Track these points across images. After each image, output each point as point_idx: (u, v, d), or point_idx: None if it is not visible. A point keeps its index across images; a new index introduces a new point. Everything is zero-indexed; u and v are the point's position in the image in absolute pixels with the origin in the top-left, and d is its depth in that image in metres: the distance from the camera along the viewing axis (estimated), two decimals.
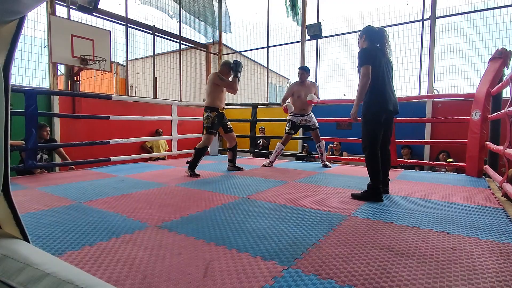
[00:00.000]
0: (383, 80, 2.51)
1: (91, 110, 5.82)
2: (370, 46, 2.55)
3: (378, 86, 2.49)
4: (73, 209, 2.11)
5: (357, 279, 1.19)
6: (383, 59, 2.54)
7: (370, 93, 2.50)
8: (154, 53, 7.54)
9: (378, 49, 2.54)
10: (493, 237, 1.66)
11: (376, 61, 2.50)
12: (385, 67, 2.53)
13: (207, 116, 3.61)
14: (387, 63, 2.59)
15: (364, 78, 2.46)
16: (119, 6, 6.89)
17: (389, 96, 2.51)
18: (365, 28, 2.61)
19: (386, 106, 2.48)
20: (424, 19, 5.93)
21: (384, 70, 2.52)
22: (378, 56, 2.52)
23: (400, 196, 2.60)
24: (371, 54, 2.50)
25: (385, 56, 2.56)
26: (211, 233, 1.66)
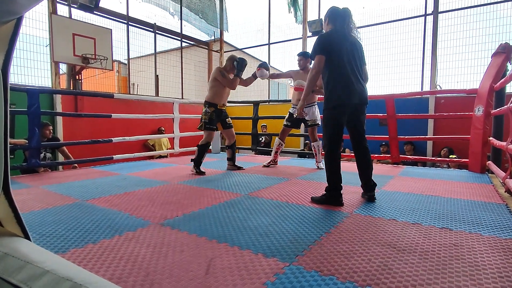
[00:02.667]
0: (343, 69, 2.18)
1: (93, 109, 5.84)
2: (333, 30, 2.26)
3: (338, 77, 2.19)
4: (76, 207, 2.12)
5: (358, 276, 1.19)
6: (346, 45, 2.21)
7: (328, 85, 2.22)
8: (156, 51, 7.54)
9: (340, 33, 2.23)
10: (495, 233, 1.65)
11: (335, 47, 2.19)
12: (347, 54, 2.20)
13: (205, 111, 3.58)
14: (352, 48, 2.24)
15: (313, 71, 2.23)
16: (120, 4, 6.89)
17: (353, 87, 2.18)
18: (328, 10, 2.32)
19: (348, 99, 2.17)
20: (427, 14, 5.88)
21: (345, 57, 2.19)
22: (338, 42, 2.20)
23: (402, 193, 2.59)
24: (326, 41, 2.21)
25: (348, 41, 2.23)
26: (213, 230, 1.67)
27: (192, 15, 8.31)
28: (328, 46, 2.20)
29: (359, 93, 2.20)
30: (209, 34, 8.86)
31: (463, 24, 5.71)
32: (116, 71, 8.70)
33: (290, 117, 3.95)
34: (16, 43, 0.53)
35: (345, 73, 2.18)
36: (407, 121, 5.29)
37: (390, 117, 4.17)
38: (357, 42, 2.30)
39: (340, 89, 2.17)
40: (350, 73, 2.19)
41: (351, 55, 2.21)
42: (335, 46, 2.19)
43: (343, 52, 2.19)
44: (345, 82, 2.17)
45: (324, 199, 2.22)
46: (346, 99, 2.17)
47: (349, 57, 2.20)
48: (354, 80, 2.19)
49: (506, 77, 2.86)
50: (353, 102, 2.19)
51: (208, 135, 3.63)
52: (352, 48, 2.24)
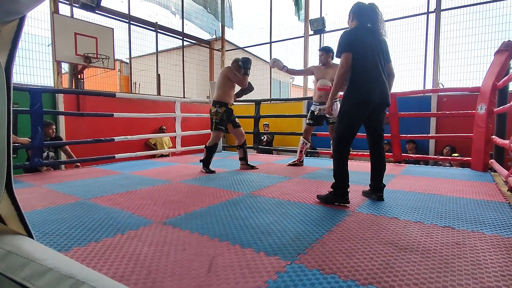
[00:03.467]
0: (367, 66, 2.14)
1: (95, 108, 5.86)
2: (358, 26, 2.20)
3: (361, 74, 2.14)
4: (79, 206, 2.13)
5: (360, 274, 1.19)
6: (371, 42, 2.16)
7: (350, 82, 2.17)
8: (157, 50, 7.55)
9: (365, 30, 2.18)
10: (498, 231, 1.65)
11: (360, 44, 2.13)
12: (372, 51, 2.15)
13: (216, 111, 3.53)
14: (377, 45, 2.18)
15: (341, 69, 2.14)
16: (122, 3, 6.90)
17: (374, 86, 2.13)
18: (353, 5, 2.25)
19: (369, 98, 2.12)
20: (429, 12, 5.85)
21: (370, 55, 2.14)
22: (362, 38, 2.15)
23: (404, 191, 2.59)
24: (352, 38, 2.15)
25: (374, 38, 2.18)
26: (215, 229, 1.68)
27: (193, 13, 8.30)
28: (354, 43, 2.13)
29: (381, 92, 2.15)
30: (211, 33, 8.86)
31: (465, 22, 5.68)
32: (118, 70, 8.72)
33: (312, 115, 3.80)
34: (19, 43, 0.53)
35: (369, 71, 2.13)
36: (409, 119, 5.27)
37: (392, 115, 4.15)
38: (382, 39, 2.23)
39: (363, 87, 2.12)
40: (374, 71, 2.14)
41: (376, 53, 2.15)
42: (360, 43, 2.13)
43: (367, 49, 2.13)
44: (368, 79, 2.12)
45: (330, 197, 2.18)
46: (368, 97, 2.12)
47: (374, 55, 2.15)
48: (378, 78, 2.14)
49: (509, 75, 2.85)
50: (375, 101, 2.13)
51: (217, 135, 3.61)
52: (377, 45, 2.17)
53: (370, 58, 2.13)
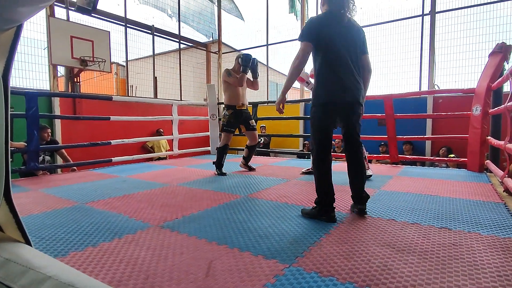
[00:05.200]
0: (335, 60, 1.87)
1: (92, 111, 5.84)
2: (326, 12, 1.94)
3: (328, 69, 1.88)
4: (76, 210, 2.12)
5: (358, 276, 1.20)
6: (340, 31, 1.88)
7: (318, 78, 1.92)
8: (154, 53, 7.54)
9: (334, 17, 1.90)
10: (494, 232, 1.66)
11: (325, 33, 1.86)
12: (341, 42, 1.87)
13: (224, 114, 3.60)
14: (348, 35, 1.90)
15: (296, 60, 1.90)
16: (118, 6, 6.90)
17: (345, 82, 1.86)
18: None
19: (336, 97, 1.87)
20: (424, 14, 5.90)
21: (339, 45, 1.86)
22: (329, 27, 1.87)
23: (401, 192, 2.60)
24: (314, 26, 1.88)
25: (345, 26, 1.90)
26: (213, 232, 1.67)
27: (190, 16, 8.32)
28: (317, 32, 1.87)
29: (352, 90, 1.88)
30: (207, 35, 8.87)
31: (460, 24, 5.73)
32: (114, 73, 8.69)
33: None
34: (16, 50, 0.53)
35: (336, 65, 1.87)
36: (405, 121, 5.30)
37: (389, 117, 4.18)
38: (355, 27, 1.95)
39: (330, 84, 1.87)
40: (342, 66, 1.87)
41: (346, 43, 1.88)
42: (325, 32, 1.86)
43: (335, 39, 1.87)
44: (334, 76, 1.86)
45: (314, 213, 1.90)
46: (334, 97, 1.87)
47: (344, 46, 1.87)
48: (348, 73, 1.87)
49: (503, 77, 2.88)
50: (345, 100, 1.88)
51: (226, 137, 3.62)
52: (348, 34, 1.90)
53: (337, 50, 1.87)
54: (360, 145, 2.00)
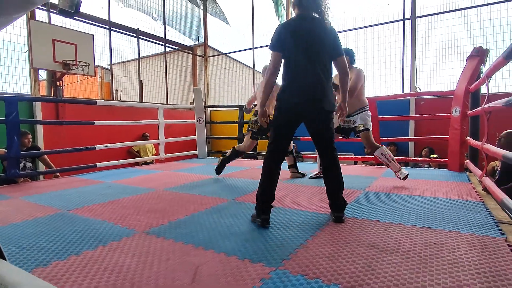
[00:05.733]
0: (297, 66, 1.84)
1: (76, 116, 5.71)
2: (294, 17, 1.90)
3: (291, 75, 1.86)
4: (58, 218, 2.07)
5: (342, 277, 1.22)
6: (309, 34, 1.83)
7: (282, 84, 1.91)
8: (139, 56, 7.46)
9: (303, 20, 1.86)
10: (473, 230, 1.72)
11: (291, 41, 1.82)
12: (307, 45, 1.82)
13: (255, 121, 3.37)
14: (317, 37, 1.83)
15: (268, 72, 1.89)
16: (102, 9, 6.79)
17: (308, 88, 1.82)
18: None
19: (297, 103, 1.83)
20: (405, 19, 6.06)
21: (304, 51, 1.82)
22: (296, 32, 1.83)
23: (385, 193, 2.65)
24: (282, 33, 1.84)
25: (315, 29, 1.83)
26: (200, 237, 1.67)
27: (176, 20, 8.27)
28: (284, 39, 1.84)
29: (317, 96, 1.83)
30: (193, 38, 8.83)
31: (440, 28, 5.92)
32: (99, 77, 8.54)
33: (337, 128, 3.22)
34: None
35: (301, 70, 1.83)
36: (389, 122, 5.41)
37: (373, 118, 4.25)
38: (327, 30, 1.86)
39: (291, 90, 1.85)
40: (307, 70, 1.82)
41: (315, 48, 1.83)
42: (292, 38, 1.82)
43: (301, 45, 1.82)
44: (298, 81, 1.83)
45: (254, 214, 1.92)
46: (296, 103, 1.83)
47: (311, 51, 1.82)
48: (312, 78, 1.82)
49: (480, 79, 2.98)
50: (307, 106, 1.84)
51: (251, 144, 3.45)
52: (316, 38, 1.83)
53: (303, 55, 1.82)
54: (333, 151, 1.93)
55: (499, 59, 2.06)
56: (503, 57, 1.96)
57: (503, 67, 2.17)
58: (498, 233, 1.66)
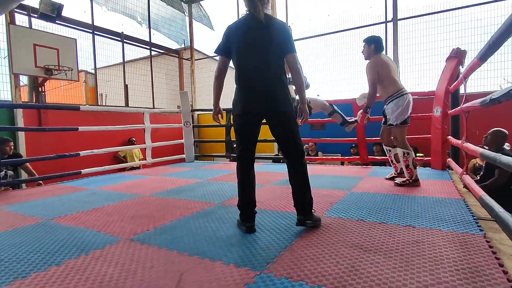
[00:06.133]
0: (242, 70, 1.80)
1: (59, 122, 5.59)
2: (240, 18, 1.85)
3: (238, 81, 1.83)
4: (40, 228, 2.02)
5: (326, 279, 1.23)
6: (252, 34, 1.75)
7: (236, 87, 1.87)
8: (124, 60, 7.37)
9: (248, 20, 1.77)
10: (453, 227, 1.76)
11: (236, 43, 1.77)
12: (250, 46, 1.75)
13: None
14: (260, 36, 1.74)
15: (214, 77, 1.90)
16: (85, 13, 6.69)
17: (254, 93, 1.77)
18: None
19: (248, 109, 1.79)
20: (387, 21, 6.19)
21: (248, 52, 1.76)
22: (239, 33, 1.77)
23: (370, 193, 2.69)
24: (225, 36, 1.82)
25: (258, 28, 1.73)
26: (185, 243, 1.65)
27: (161, 23, 8.21)
28: (228, 42, 1.82)
29: (265, 99, 1.76)
30: (179, 42, 8.79)
31: (421, 30, 6.07)
32: (83, 82, 8.38)
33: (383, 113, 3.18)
34: None
35: (246, 74, 1.79)
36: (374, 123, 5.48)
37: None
38: (273, 26, 1.74)
39: (241, 95, 1.82)
40: (252, 73, 1.77)
41: (259, 47, 1.75)
42: (235, 41, 1.79)
43: (244, 46, 1.76)
44: (246, 87, 1.80)
45: (238, 220, 1.91)
46: (247, 108, 1.79)
47: (255, 51, 1.75)
48: (260, 81, 1.76)
49: (459, 80, 3.07)
50: (258, 111, 1.79)
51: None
52: (261, 37, 1.74)
53: (248, 57, 1.77)
54: (297, 153, 1.83)
55: (474, 60, 2.12)
56: (478, 58, 2.02)
57: (478, 68, 2.24)
58: (477, 229, 1.71)
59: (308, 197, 1.83)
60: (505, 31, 1.39)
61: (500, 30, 1.41)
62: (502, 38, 1.47)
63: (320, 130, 6.80)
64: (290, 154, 1.85)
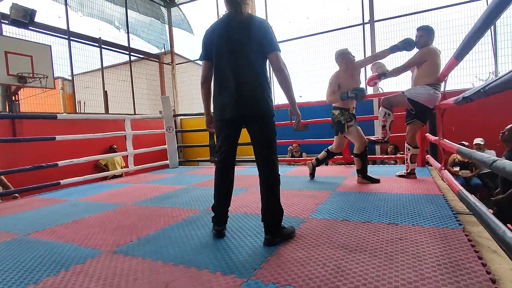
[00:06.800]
0: (218, 74, 1.76)
1: (35, 132, 5.38)
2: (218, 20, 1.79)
3: (215, 83, 1.80)
4: (16, 244, 1.93)
5: (313, 282, 1.23)
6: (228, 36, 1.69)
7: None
8: (102, 65, 7.20)
9: (226, 20, 1.72)
10: (434, 223, 1.81)
11: (214, 46, 1.73)
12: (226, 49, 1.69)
13: (340, 112, 3.25)
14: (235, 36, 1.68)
15: (200, 84, 1.88)
16: (59, 19, 6.50)
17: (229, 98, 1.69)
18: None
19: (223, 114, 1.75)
20: (365, 23, 6.34)
21: (223, 55, 1.70)
22: (216, 36, 1.73)
23: (354, 192, 2.73)
24: (203, 39, 1.80)
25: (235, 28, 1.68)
26: (170, 252, 1.62)
27: (140, 28, 8.09)
28: (207, 46, 1.78)
29: (239, 102, 1.68)
30: (159, 46, 8.68)
31: (398, 31, 6.25)
32: (60, 89, 8.13)
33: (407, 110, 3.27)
34: None
35: (221, 77, 1.74)
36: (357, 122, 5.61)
37: None
38: (253, 26, 1.67)
39: (216, 101, 1.78)
40: (226, 77, 1.71)
41: (234, 49, 1.68)
42: (213, 43, 1.74)
43: (222, 47, 1.71)
44: (222, 90, 1.74)
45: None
46: (222, 113, 1.75)
47: (232, 51, 1.69)
48: (236, 84, 1.68)
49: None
50: (234, 115, 1.70)
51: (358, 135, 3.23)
52: (240, 38, 1.67)
53: (226, 58, 1.70)
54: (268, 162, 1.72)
55: (451, 59, 2.20)
56: (454, 57, 2.09)
57: (456, 66, 2.32)
58: (457, 223, 1.77)
59: (277, 213, 1.70)
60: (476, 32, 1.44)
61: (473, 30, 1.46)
62: (475, 38, 1.53)
63: (302, 132, 6.86)
64: (262, 162, 1.73)
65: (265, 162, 1.72)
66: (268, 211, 1.69)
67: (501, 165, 1.13)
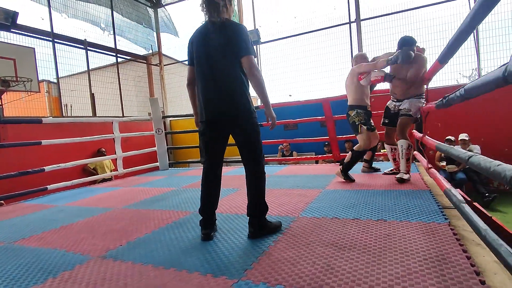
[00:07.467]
0: (200, 77, 1.80)
1: (20, 137, 5.25)
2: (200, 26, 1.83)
3: (197, 88, 1.85)
4: (1, 252, 1.89)
5: (303, 280, 1.24)
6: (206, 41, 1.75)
7: None
8: (89, 68, 7.08)
9: (205, 26, 1.78)
10: (421, 218, 1.85)
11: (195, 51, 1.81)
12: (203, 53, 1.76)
13: (357, 112, 3.22)
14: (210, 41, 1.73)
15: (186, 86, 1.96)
16: (43, 20, 6.36)
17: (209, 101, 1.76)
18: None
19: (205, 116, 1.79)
20: (351, 22, 6.41)
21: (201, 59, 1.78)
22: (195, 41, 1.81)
23: (343, 190, 2.76)
24: (189, 45, 1.88)
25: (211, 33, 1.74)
26: (160, 256, 1.61)
27: (126, 29, 7.98)
28: (190, 50, 1.86)
29: (217, 105, 1.75)
30: (147, 48, 8.59)
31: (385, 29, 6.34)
32: (46, 92, 7.96)
33: (387, 112, 3.27)
34: None
35: (200, 82, 1.79)
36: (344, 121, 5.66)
37: (328, 118, 4.43)
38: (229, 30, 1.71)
39: (200, 104, 1.82)
40: (203, 80, 1.77)
41: (210, 53, 1.74)
42: (193, 49, 1.83)
43: (200, 52, 1.78)
44: (202, 94, 1.79)
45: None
46: (204, 116, 1.79)
47: (205, 57, 1.76)
48: (208, 88, 1.76)
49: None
50: (214, 118, 1.77)
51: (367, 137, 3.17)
52: (216, 42, 1.72)
53: (204, 62, 1.77)
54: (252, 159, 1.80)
55: (435, 63, 2.23)
56: (438, 61, 2.12)
57: (440, 69, 2.35)
58: (443, 218, 1.80)
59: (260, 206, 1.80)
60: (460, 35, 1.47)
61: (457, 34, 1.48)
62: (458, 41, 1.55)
63: (293, 130, 6.90)
64: (246, 160, 1.81)
65: (249, 159, 1.81)
66: (252, 205, 1.80)
67: (476, 161, 1.17)
